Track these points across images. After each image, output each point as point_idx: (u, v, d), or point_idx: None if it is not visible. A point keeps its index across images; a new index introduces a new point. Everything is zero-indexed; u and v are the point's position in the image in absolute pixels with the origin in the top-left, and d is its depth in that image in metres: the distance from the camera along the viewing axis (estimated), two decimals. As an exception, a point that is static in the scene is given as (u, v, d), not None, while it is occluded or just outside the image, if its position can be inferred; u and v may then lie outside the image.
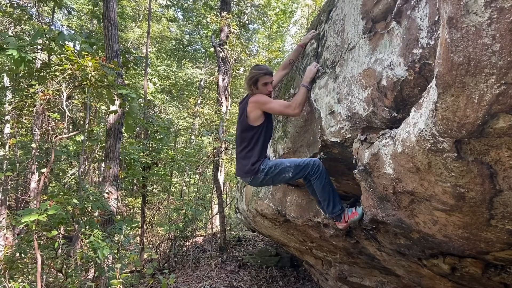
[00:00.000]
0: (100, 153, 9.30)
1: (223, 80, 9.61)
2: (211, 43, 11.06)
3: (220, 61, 9.62)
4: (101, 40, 7.95)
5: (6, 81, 9.22)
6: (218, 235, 8.59)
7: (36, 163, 5.91)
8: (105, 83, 4.73)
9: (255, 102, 2.58)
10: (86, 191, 5.34)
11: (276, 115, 3.08)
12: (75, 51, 4.80)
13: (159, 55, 15.89)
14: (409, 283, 3.23)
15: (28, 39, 5.82)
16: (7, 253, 4.92)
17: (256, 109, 2.59)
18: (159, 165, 9.80)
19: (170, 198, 11.96)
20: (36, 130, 9.91)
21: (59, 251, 5.16)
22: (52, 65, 4.70)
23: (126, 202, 10.62)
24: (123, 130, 6.83)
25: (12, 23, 9.31)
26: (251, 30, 16.03)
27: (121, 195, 8.98)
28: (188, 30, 17.06)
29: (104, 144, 7.08)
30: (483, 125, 1.24)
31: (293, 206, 3.81)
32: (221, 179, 9.89)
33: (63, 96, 4.64)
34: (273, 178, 2.57)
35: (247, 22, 13.39)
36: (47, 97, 4.43)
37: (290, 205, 3.85)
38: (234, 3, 11.95)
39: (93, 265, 4.87)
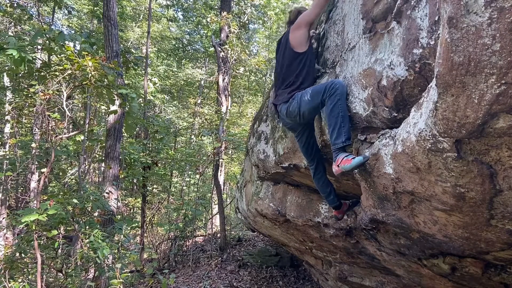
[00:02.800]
0: (100, 153, 9.30)
1: (223, 80, 9.61)
2: (211, 43, 11.06)
3: (220, 61, 9.61)
4: (101, 40, 7.95)
5: (6, 81, 9.22)
6: (218, 235, 8.58)
7: (36, 163, 5.91)
8: (105, 83, 4.73)
9: (296, 24, 2.56)
10: (86, 191, 5.33)
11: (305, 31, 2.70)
12: (75, 51, 4.80)
13: (159, 55, 15.88)
14: (409, 283, 3.23)
15: (28, 39, 5.83)
16: (7, 253, 4.93)
17: (297, 29, 2.54)
18: (159, 165, 9.79)
19: (170, 198, 11.96)
20: (36, 130, 9.92)
21: (59, 251, 5.16)
22: (52, 65, 4.70)
23: (126, 202, 10.61)
24: (123, 130, 6.82)
25: (12, 23, 9.31)
26: (251, 30, 16.02)
27: (121, 195, 8.98)
28: (188, 30, 17.05)
29: (104, 144, 7.07)
30: (483, 125, 1.24)
31: (293, 206, 3.81)
32: (221, 179, 9.88)
33: (63, 96, 4.63)
34: (298, 102, 2.45)
35: (247, 22, 13.37)
36: (47, 97, 4.43)
37: (290, 205, 3.85)
38: (234, 3, 11.94)
39: (93, 265, 4.86)
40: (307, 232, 3.87)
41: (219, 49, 9.52)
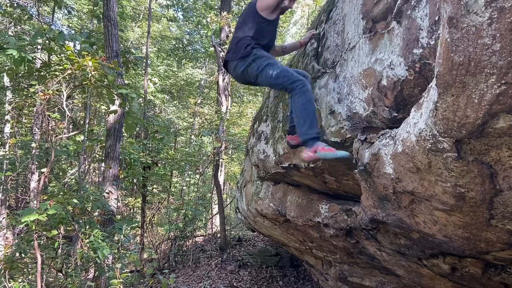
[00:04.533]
0: (100, 153, 9.30)
1: (223, 80, 9.61)
2: (211, 43, 11.06)
3: (220, 61, 9.61)
4: (101, 40, 7.95)
5: (6, 81, 9.22)
6: (218, 235, 8.58)
7: (36, 163, 5.91)
8: (105, 83, 4.73)
9: None
10: (86, 191, 5.34)
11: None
12: (75, 50, 4.80)
13: (159, 55, 15.88)
14: (409, 283, 3.23)
15: (28, 39, 5.84)
16: (7, 253, 4.92)
17: None
18: (159, 165, 9.79)
19: (170, 198, 11.96)
20: (36, 130, 9.93)
21: (59, 251, 5.15)
22: (52, 65, 4.70)
23: (126, 202, 10.62)
24: (123, 130, 6.83)
25: (12, 23, 9.32)
26: (251, 30, 15.97)
27: (121, 195, 8.98)
28: (188, 30, 17.06)
29: (104, 144, 7.07)
30: (483, 125, 1.24)
31: (293, 206, 3.81)
32: (221, 179, 9.88)
33: (63, 96, 4.64)
34: (258, 69, 2.41)
35: (247, 22, 13.31)
36: (47, 97, 4.43)
37: (290, 205, 3.85)
38: (234, 3, 11.95)
39: (93, 265, 4.87)
40: (307, 232, 3.87)
41: (219, 49, 9.52)
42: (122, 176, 8.07)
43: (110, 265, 4.56)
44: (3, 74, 8.60)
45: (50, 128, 4.75)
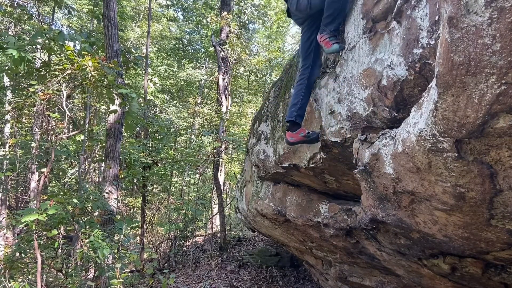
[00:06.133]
0: (100, 153, 9.30)
1: (223, 80, 9.61)
2: (211, 42, 11.06)
3: (220, 60, 9.61)
4: (101, 39, 7.95)
5: (6, 80, 9.22)
6: (218, 235, 8.58)
7: (36, 163, 5.90)
8: (105, 82, 4.73)
9: None
10: (86, 191, 5.34)
11: None
12: (75, 50, 4.80)
13: (159, 55, 15.87)
14: (409, 283, 3.23)
15: (28, 39, 5.83)
16: (7, 253, 4.92)
17: None
18: (159, 165, 9.78)
19: (170, 198, 11.95)
20: (36, 129, 9.92)
21: (59, 251, 5.15)
22: (52, 64, 4.69)
23: (126, 202, 10.61)
24: (123, 130, 6.83)
25: (12, 23, 9.32)
26: (251, 30, 16.02)
27: (121, 195, 8.97)
28: (188, 30, 17.05)
29: (104, 144, 7.07)
30: (484, 125, 1.24)
31: (293, 206, 3.81)
32: (221, 179, 9.87)
33: (63, 95, 4.63)
34: None
35: (247, 22, 13.40)
36: (47, 96, 4.42)
37: (290, 205, 3.85)
38: (234, 2, 11.95)
39: (93, 265, 4.86)
40: (307, 232, 3.87)
41: (219, 49, 9.52)
42: (122, 176, 8.06)
43: (110, 265, 4.56)
44: (3, 74, 8.60)
45: (50, 128, 4.75)
